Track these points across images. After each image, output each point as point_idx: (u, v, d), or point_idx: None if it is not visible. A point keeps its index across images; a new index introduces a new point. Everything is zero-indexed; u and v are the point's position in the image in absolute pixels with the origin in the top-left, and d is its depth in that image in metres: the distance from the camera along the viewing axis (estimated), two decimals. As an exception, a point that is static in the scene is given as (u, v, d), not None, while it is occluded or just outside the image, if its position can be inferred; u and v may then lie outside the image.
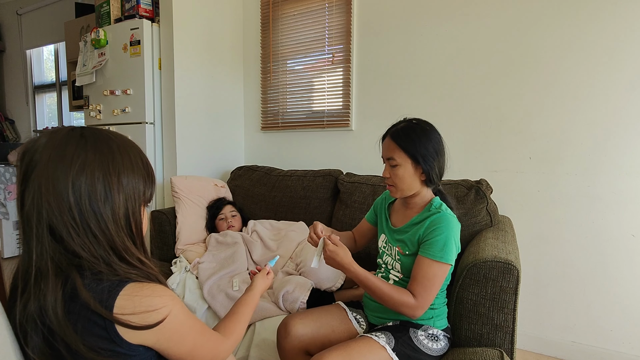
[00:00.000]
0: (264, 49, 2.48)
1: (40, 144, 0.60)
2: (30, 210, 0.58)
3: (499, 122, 1.81)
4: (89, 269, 0.59)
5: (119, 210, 0.62)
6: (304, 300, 1.31)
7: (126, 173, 0.63)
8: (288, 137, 2.45)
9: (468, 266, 1.13)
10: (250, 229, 1.86)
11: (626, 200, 1.59)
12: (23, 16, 3.95)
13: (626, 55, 1.55)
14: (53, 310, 0.57)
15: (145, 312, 0.58)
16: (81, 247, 0.59)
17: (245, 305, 0.87)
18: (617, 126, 1.58)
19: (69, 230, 0.58)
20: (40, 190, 0.57)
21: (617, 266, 1.62)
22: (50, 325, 0.57)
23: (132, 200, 0.64)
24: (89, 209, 0.59)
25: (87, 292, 0.57)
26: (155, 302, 0.60)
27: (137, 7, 2.09)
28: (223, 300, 1.42)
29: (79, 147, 0.60)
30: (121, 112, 2.18)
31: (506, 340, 1.08)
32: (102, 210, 0.61)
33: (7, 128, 4.08)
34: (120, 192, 0.62)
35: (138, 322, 0.57)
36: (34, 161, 0.59)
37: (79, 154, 0.60)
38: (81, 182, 0.59)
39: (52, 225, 0.58)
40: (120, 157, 0.63)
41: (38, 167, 0.58)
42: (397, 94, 2.06)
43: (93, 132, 0.64)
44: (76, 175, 0.59)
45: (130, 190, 0.64)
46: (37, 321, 0.57)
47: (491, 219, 1.53)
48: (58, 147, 0.59)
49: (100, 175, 0.60)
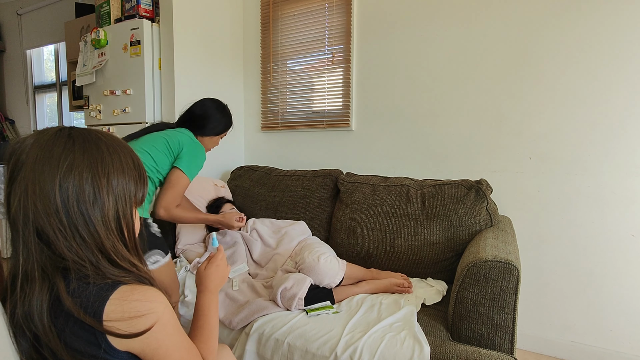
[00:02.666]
0: (264, 49, 2.48)
1: (27, 144, 0.59)
2: (16, 213, 0.57)
3: (499, 122, 1.81)
4: (76, 272, 0.58)
5: (109, 212, 0.61)
6: (302, 297, 1.31)
7: (116, 174, 0.62)
8: (288, 137, 2.45)
9: (468, 266, 1.13)
10: (250, 227, 1.86)
11: (626, 200, 1.59)
12: (23, 16, 3.95)
13: (626, 55, 1.55)
14: (39, 315, 0.56)
15: (134, 317, 0.57)
16: (68, 250, 0.58)
17: (206, 317, 0.77)
18: (617, 126, 1.59)
19: (56, 233, 0.57)
20: (27, 192, 0.56)
21: (617, 266, 1.62)
22: (36, 331, 0.56)
23: (122, 202, 0.63)
24: (77, 211, 0.58)
25: (71, 300, 0.56)
26: (145, 307, 0.58)
27: (137, 7, 2.10)
28: (223, 299, 1.42)
29: (66, 147, 0.59)
30: (121, 112, 2.18)
31: (506, 340, 1.08)
32: (91, 212, 0.59)
33: (7, 128, 4.08)
34: (109, 193, 0.61)
35: (125, 330, 0.56)
36: (20, 162, 0.57)
37: (66, 155, 0.58)
38: (69, 183, 0.58)
39: (38, 228, 0.57)
40: (109, 158, 0.62)
41: (24, 168, 0.57)
42: (397, 94, 2.06)
43: (81, 132, 0.62)
44: (64, 176, 0.57)
45: (120, 192, 0.62)
46: (24, 326, 0.57)
47: (491, 219, 1.53)
48: (45, 147, 0.58)
49: (88, 176, 0.59)
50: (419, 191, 1.69)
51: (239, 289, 1.46)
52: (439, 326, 1.20)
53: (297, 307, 1.32)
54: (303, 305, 1.32)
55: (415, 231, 1.61)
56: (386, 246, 1.66)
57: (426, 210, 1.62)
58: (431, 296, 1.42)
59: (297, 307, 1.31)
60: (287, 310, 1.32)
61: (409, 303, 1.33)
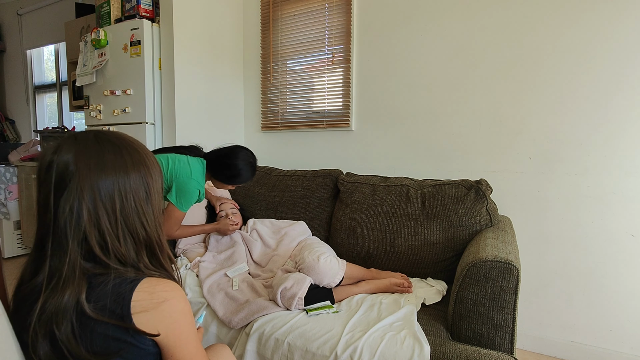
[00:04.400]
0: (264, 49, 2.48)
1: (68, 154, 0.61)
2: (68, 219, 0.60)
3: (499, 122, 1.81)
4: (106, 276, 0.60)
5: (155, 207, 0.68)
6: (302, 297, 1.31)
7: (151, 171, 0.68)
8: (288, 137, 2.45)
9: (468, 266, 1.13)
10: (250, 227, 1.86)
11: (626, 200, 1.59)
12: (23, 16, 3.95)
13: (626, 55, 1.55)
14: (64, 316, 0.57)
15: (161, 302, 0.61)
16: (115, 251, 0.62)
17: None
18: (617, 126, 1.59)
19: (111, 234, 0.61)
20: (83, 198, 0.60)
21: (617, 266, 1.62)
22: (57, 332, 0.57)
23: (159, 196, 0.70)
24: (134, 209, 0.64)
25: (96, 312, 0.58)
26: (170, 295, 0.63)
27: (137, 7, 2.10)
28: (222, 298, 1.42)
29: (115, 153, 0.64)
30: (121, 112, 2.18)
31: (506, 340, 1.08)
32: (145, 209, 0.65)
33: (8, 128, 4.08)
34: (153, 189, 0.68)
35: (151, 307, 0.60)
36: (70, 171, 0.60)
37: (117, 159, 0.63)
38: (126, 185, 0.63)
39: (87, 232, 0.60)
40: (145, 157, 0.68)
41: (77, 177, 0.60)
42: (397, 94, 2.06)
43: (116, 136, 0.67)
44: (120, 179, 0.63)
45: (158, 186, 0.70)
46: (47, 328, 0.58)
47: (491, 219, 1.53)
48: (94, 155, 0.62)
49: (138, 176, 0.65)
50: (419, 191, 1.69)
51: (238, 289, 1.46)
52: (439, 326, 1.20)
53: (297, 307, 1.32)
54: (303, 304, 1.32)
55: (415, 231, 1.61)
56: (386, 246, 1.66)
57: (426, 210, 1.62)
58: (431, 296, 1.42)
59: (297, 306, 1.31)
60: (287, 309, 1.32)
61: (409, 303, 1.33)
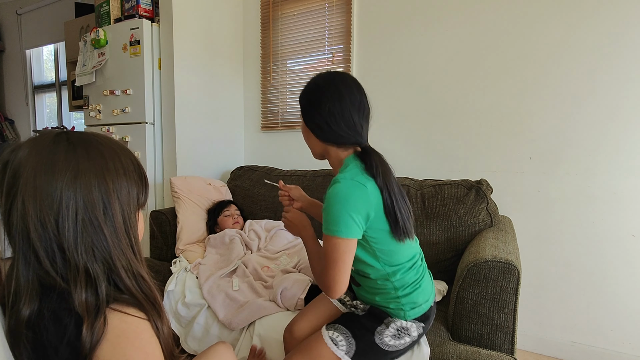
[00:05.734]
0: (263, 49, 2.48)
1: (22, 154, 0.54)
2: (16, 230, 0.53)
3: (499, 122, 1.81)
4: (62, 292, 0.54)
5: (117, 218, 0.57)
6: (302, 297, 1.31)
7: (119, 179, 0.58)
8: (288, 137, 2.45)
9: (468, 266, 1.13)
10: (247, 228, 1.88)
11: (626, 201, 1.59)
12: (23, 16, 3.94)
13: (626, 55, 1.55)
14: (21, 330, 0.52)
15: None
16: (61, 269, 0.54)
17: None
18: (617, 126, 1.59)
19: (54, 247, 0.53)
20: (25, 207, 0.52)
21: (617, 266, 1.62)
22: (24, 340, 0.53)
23: (127, 207, 0.59)
24: (86, 221, 0.54)
25: (53, 328, 0.52)
26: (140, 357, 0.54)
27: (137, 7, 2.09)
28: (223, 300, 1.42)
29: (68, 154, 0.54)
30: (121, 112, 2.17)
31: (506, 340, 1.08)
32: (101, 220, 0.55)
33: (7, 128, 4.07)
34: (116, 199, 0.57)
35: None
36: (18, 174, 0.52)
37: (69, 162, 0.54)
38: (75, 192, 0.54)
39: (35, 244, 0.53)
40: (112, 162, 0.58)
41: (22, 180, 0.52)
42: (397, 94, 2.06)
43: (80, 136, 0.58)
44: (69, 185, 0.53)
45: (125, 197, 0.58)
46: (17, 338, 0.53)
47: (491, 219, 1.53)
48: (44, 156, 0.53)
49: (95, 183, 0.55)
50: (419, 191, 1.69)
51: (239, 289, 1.46)
52: (439, 326, 1.20)
53: (297, 308, 1.31)
54: (304, 305, 1.32)
55: (416, 231, 1.61)
56: (386, 246, 1.66)
57: (426, 210, 1.62)
58: (431, 296, 1.42)
59: (297, 307, 1.31)
60: (287, 310, 1.32)
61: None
